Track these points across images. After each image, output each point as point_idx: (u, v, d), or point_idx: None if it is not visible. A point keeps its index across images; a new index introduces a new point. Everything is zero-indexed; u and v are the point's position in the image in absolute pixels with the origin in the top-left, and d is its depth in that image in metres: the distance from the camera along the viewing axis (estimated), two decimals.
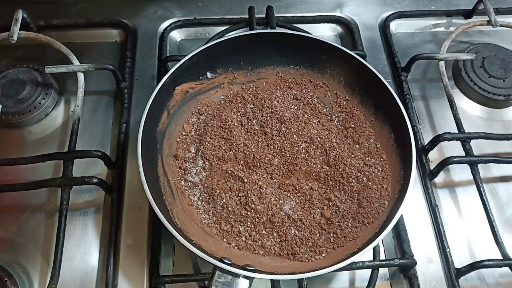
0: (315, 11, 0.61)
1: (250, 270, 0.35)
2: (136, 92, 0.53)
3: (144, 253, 0.43)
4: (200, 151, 0.46)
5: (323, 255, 0.41)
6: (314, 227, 0.42)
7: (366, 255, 0.38)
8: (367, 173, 0.45)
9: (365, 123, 0.49)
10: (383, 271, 0.44)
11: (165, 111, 0.46)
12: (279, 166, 0.45)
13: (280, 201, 0.43)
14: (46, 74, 0.53)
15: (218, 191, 0.44)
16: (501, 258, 0.43)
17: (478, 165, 0.48)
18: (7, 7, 0.53)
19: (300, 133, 0.47)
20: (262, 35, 0.50)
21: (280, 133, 0.47)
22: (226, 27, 0.58)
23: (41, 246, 0.44)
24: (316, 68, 0.52)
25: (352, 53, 0.48)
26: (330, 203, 0.44)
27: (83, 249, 0.44)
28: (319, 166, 0.45)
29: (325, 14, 0.61)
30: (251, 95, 0.50)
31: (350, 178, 0.44)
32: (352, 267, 0.42)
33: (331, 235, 0.42)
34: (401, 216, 0.45)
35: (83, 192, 0.47)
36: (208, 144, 0.46)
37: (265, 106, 0.49)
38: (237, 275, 0.35)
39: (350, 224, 0.42)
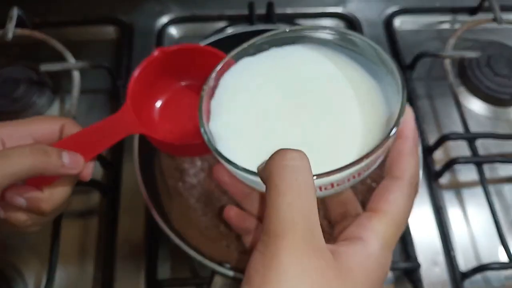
0: (317, 7, 0.60)
1: None
2: None
3: (141, 256, 0.42)
4: None
5: None
6: None
7: None
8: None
9: None
10: None
11: None
12: None
13: None
14: (41, 73, 0.52)
15: (216, 193, 0.43)
16: (508, 261, 0.42)
17: (484, 165, 0.47)
18: (2, 5, 0.53)
19: None
20: (262, 32, 0.49)
21: None
22: (226, 23, 0.57)
23: (36, 248, 0.43)
24: None
25: None
26: None
27: (79, 252, 0.43)
28: None
29: (327, 10, 0.60)
30: None
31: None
32: None
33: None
34: None
35: (78, 193, 0.46)
36: None
37: None
38: (237, 279, 0.34)
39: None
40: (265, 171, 0.18)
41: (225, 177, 0.25)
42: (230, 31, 0.56)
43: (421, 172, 0.40)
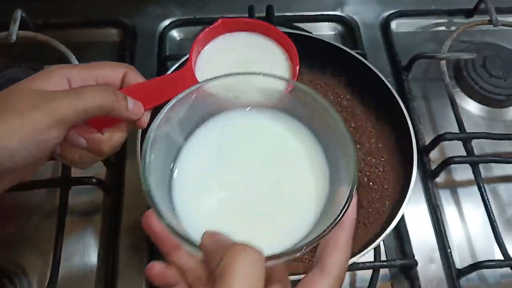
0: (316, 10, 0.61)
1: None
2: None
3: (143, 253, 0.43)
4: None
5: None
6: None
7: (367, 255, 0.38)
8: (367, 173, 0.44)
9: (365, 123, 0.48)
10: (384, 271, 0.44)
11: None
12: None
13: None
14: None
15: None
16: (503, 258, 0.43)
17: (480, 165, 0.47)
18: (6, 6, 0.53)
19: None
20: None
21: None
22: None
23: (39, 246, 0.44)
24: (316, 67, 0.51)
25: (352, 52, 0.48)
26: None
27: (82, 250, 0.44)
28: None
29: (325, 13, 0.61)
30: None
31: None
32: (353, 268, 0.41)
33: None
34: (402, 216, 0.45)
35: (82, 192, 0.46)
36: None
37: None
38: None
39: None
40: (219, 263, 0.19)
41: (156, 227, 0.24)
42: None
43: (416, 171, 0.41)
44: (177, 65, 0.45)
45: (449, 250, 0.44)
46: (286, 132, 0.27)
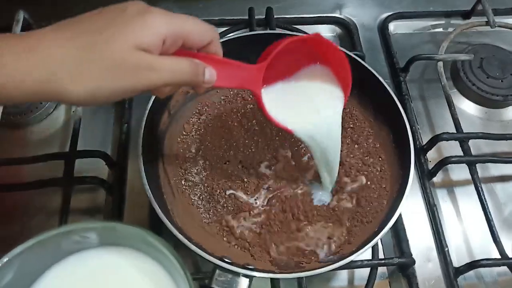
0: (314, 12, 0.61)
1: (250, 269, 0.36)
2: None
3: None
4: (201, 151, 0.47)
5: None
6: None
7: (365, 254, 0.38)
8: (365, 172, 0.45)
9: (364, 123, 0.49)
10: (381, 270, 0.45)
11: (166, 111, 0.47)
12: (279, 166, 0.46)
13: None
14: None
15: (218, 190, 0.44)
16: (499, 257, 0.43)
17: (476, 164, 0.48)
18: (8, 8, 0.54)
19: None
20: (262, 36, 0.50)
21: (280, 134, 0.47)
22: (226, 28, 0.58)
23: None
24: None
25: (351, 54, 0.49)
26: None
27: None
28: None
29: (324, 15, 0.61)
30: (251, 96, 0.51)
31: (349, 178, 0.45)
32: (351, 266, 0.42)
33: None
34: (400, 215, 0.45)
35: (84, 191, 0.47)
36: (209, 144, 0.47)
37: None
38: (237, 274, 0.35)
39: (349, 224, 0.43)
40: None
41: None
42: (231, 35, 0.58)
43: (413, 171, 0.42)
44: None
45: (446, 249, 0.44)
46: (136, 272, 0.27)
